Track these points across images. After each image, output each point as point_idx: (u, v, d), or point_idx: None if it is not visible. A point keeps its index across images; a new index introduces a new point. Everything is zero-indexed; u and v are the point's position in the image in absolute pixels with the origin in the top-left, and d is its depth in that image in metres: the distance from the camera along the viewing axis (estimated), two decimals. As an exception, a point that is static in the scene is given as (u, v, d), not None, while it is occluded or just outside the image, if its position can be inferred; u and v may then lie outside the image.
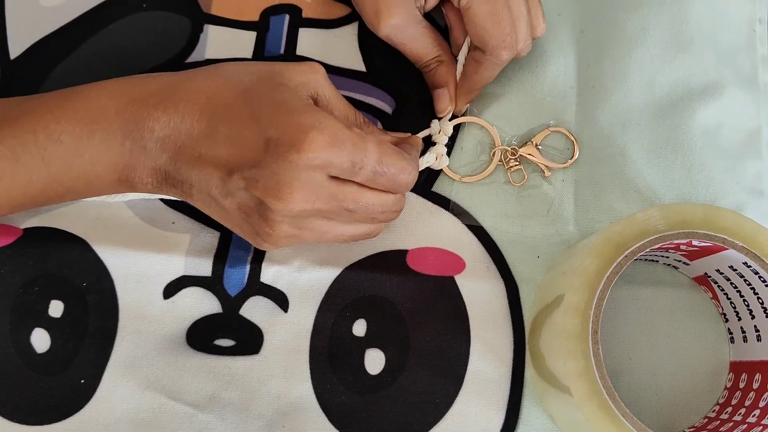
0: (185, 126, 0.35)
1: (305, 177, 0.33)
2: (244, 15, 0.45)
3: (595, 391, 0.32)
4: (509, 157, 0.43)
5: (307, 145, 0.33)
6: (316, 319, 0.40)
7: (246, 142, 0.34)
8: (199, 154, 0.34)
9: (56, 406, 0.39)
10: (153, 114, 0.35)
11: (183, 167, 0.35)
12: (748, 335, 0.38)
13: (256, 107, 0.34)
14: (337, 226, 0.37)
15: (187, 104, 0.35)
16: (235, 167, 0.34)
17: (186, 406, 0.39)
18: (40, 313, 0.39)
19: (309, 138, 0.33)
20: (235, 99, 0.35)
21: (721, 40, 0.44)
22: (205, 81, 0.36)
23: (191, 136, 0.34)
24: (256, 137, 0.33)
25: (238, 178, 0.34)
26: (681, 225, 0.34)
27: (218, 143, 0.34)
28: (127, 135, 0.35)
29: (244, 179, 0.34)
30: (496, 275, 0.41)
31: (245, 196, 0.34)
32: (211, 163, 0.34)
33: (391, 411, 0.39)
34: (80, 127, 0.35)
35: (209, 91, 0.35)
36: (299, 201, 0.33)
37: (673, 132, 0.42)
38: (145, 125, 0.35)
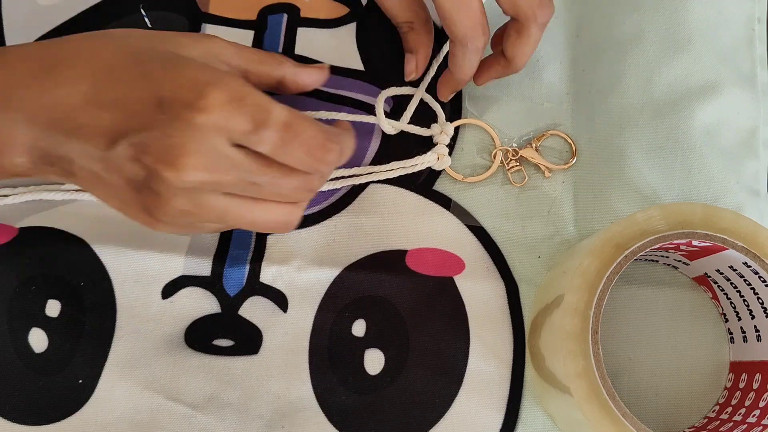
0: (61, 93, 0.30)
1: (203, 140, 0.29)
2: (242, 14, 0.45)
3: (595, 391, 0.32)
4: (510, 158, 0.43)
5: (205, 102, 0.29)
6: (316, 319, 0.40)
7: (134, 104, 0.30)
8: (78, 124, 0.30)
9: (55, 406, 0.39)
10: (24, 81, 0.31)
11: (61, 140, 0.31)
12: (748, 335, 0.38)
13: (146, 67, 0.31)
14: (242, 204, 0.32)
15: (66, 68, 0.31)
16: (121, 133, 0.30)
17: (185, 407, 0.39)
18: (37, 313, 0.39)
19: (206, 94, 0.29)
20: (122, 59, 0.31)
21: (720, 39, 0.44)
22: (85, 42, 0.32)
23: (69, 104, 0.30)
24: (146, 97, 0.30)
25: (125, 145, 0.30)
26: (681, 225, 0.34)
27: (101, 109, 0.30)
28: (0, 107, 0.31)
29: (132, 146, 0.29)
30: (496, 275, 0.41)
31: (134, 167, 0.30)
32: (93, 131, 0.30)
33: (391, 411, 0.39)
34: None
35: (90, 53, 0.31)
36: (195, 168, 0.29)
37: (673, 132, 0.42)
38: (14, 94, 0.31)
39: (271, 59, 0.38)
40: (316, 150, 0.32)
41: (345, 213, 0.42)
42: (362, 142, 0.43)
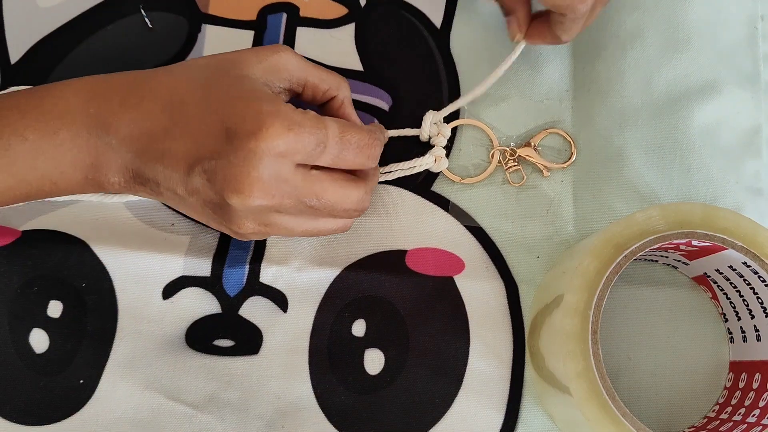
0: (147, 123, 0.34)
1: (266, 167, 0.32)
2: (242, 14, 0.45)
3: (594, 391, 0.32)
4: (508, 158, 0.43)
5: (266, 131, 0.32)
6: (316, 319, 0.40)
7: (204, 135, 0.33)
8: (161, 152, 0.34)
9: (56, 407, 0.39)
10: (117, 111, 0.34)
11: (148, 165, 0.34)
12: (748, 335, 0.38)
13: (213, 99, 0.34)
14: (303, 222, 0.36)
15: (149, 101, 0.34)
16: (196, 161, 0.33)
17: (185, 407, 0.39)
18: (38, 314, 0.39)
19: (267, 124, 0.32)
20: (194, 92, 0.34)
21: (720, 38, 0.44)
22: (167, 76, 0.35)
23: (153, 133, 0.34)
24: (214, 128, 0.33)
25: (198, 171, 0.33)
26: (680, 225, 0.34)
27: (178, 138, 0.33)
28: (92, 132, 0.34)
29: (205, 172, 0.33)
30: (496, 275, 0.41)
31: (208, 191, 0.33)
32: (173, 158, 0.33)
33: (391, 411, 0.39)
34: (44, 123, 0.34)
35: (170, 87, 0.35)
36: (258, 195, 0.32)
37: (672, 131, 0.42)
38: (110, 122, 0.34)
39: (331, 79, 0.39)
40: (365, 149, 0.35)
41: (344, 213, 0.42)
42: None
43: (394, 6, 0.45)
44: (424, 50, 0.44)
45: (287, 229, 0.36)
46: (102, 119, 0.34)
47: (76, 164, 0.35)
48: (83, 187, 0.36)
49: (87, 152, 0.34)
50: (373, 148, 0.36)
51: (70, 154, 0.34)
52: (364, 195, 0.37)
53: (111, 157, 0.35)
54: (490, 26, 0.45)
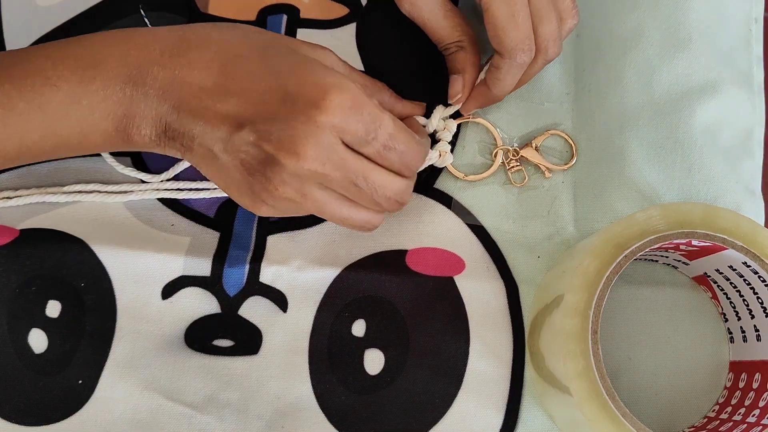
0: (193, 75, 0.34)
1: (321, 136, 0.32)
2: (241, 15, 0.45)
3: (594, 391, 0.32)
4: (510, 158, 0.43)
5: (329, 102, 0.32)
6: (316, 319, 0.40)
7: (261, 96, 0.33)
8: (205, 105, 0.33)
9: (55, 407, 0.39)
10: (159, 60, 0.34)
11: (186, 118, 0.34)
12: (748, 335, 0.38)
13: (274, 63, 0.34)
14: (339, 203, 0.36)
15: (197, 51, 0.34)
16: (247, 120, 0.33)
17: (184, 407, 0.39)
18: (37, 314, 0.39)
19: (330, 97, 0.32)
20: (251, 52, 0.34)
21: (719, 38, 0.44)
22: (217, 31, 0.35)
23: (199, 86, 0.33)
24: (273, 91, 0.33)
25: (248, 131, 0.33)
26: (680, 225, 0.34)
27: (229, 95, 0.33)
28: (128, 81, 0.34)
29: (256, 132, 0.33)
30: (496, 275, 0.41)
31: (253, 151, 0.33)
32: (219, 115, 0.33)
33: (391, 411, 0.39)
34: (79, 72, 0.34)
35: (222, 42, 0.34)
36: (312, 159, 0.32)
37: (673, 131, 0.42)
38: (149, 72, 0.34)
39: (373, 85, 0.41)
40: (408, 156, 0.36)
41: (345, 213, 0.42)
42: None
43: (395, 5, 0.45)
44: (425, 50, 0.44)
45: (320, 205, 0.35)
46: (139, 68, 0.34)
47: (107, 114, 0.34)
48: (112, 141, 0.35)
49: (121, 101, 0.34)
50: (416, 158, 0.36)
51: (103, 104, 0.34)
52: (407, 187, 0.37)
53: (145, 107, 0.34)
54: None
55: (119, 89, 0.34)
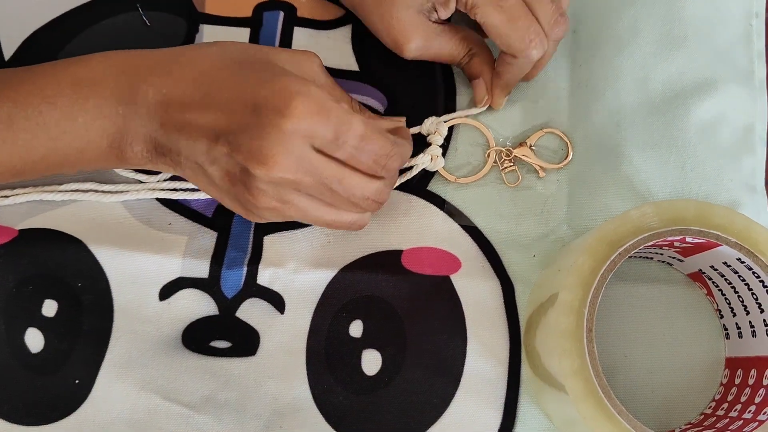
0: (176, 92, 0.35)
1: (289, 144, 0.33)
2: (237, 11, 0.45)
3: (590, 389, 0.33)
4: (504, 158, 0.43)
5: (293, 109, 0.33)
6: (313, 320, 0.40)
7: (233, 107, 0.34)
8: (187, 121, 0.35)
9: (53, 407, 0.39)
10: (148, 79, 0.35)
11: (172, 134, 0.35)
12: (743, 331, 0.38)
13: (245, 74, 0.35)
14: (320, 206, 0.36)
15: (178, 71, 0.35)
16: (221, 132, 0.34)
17: (182, 407, 0.39)
18: (33, 313, 0.40)
19: (294, 103, 0.33)
20: (227, 67, 0.35)
21: (716, 35, 0.44)
22: (198, 51, 0.37)
23: (181, 103, 0.35)
24: (243, 102, 0.34)
25: (223, 142, 0.34)
26: (674, 222, 0.34)
27: (206, 109, 0.34)
28: (121, 100, 0.35)
29: (229, 144, 0.34)
30: (492, 274, 0.41)
31: (229, 162, 0.34)
32: (199, 129, 0.34)
33: (389, 411, 0.39)
34: (76, 91, 0.35)
35: (202, 60, 0.36)
36: (281, 167, 0.33)
37: (668, 129, 0.43)
38: (139, 90, 0.35)
39: (350, 103, 0.41)
40: (383, 158, 0.36)
41: (340, 214, 0.42)
42: None
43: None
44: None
45: (303, 211, 0.36)
46: (131, 87, 0.35)
47: (102, 132, 0.36)
48: (107, 157, 0.37)
49: (113, 120, 0.36)
50: (391, 160, 0.36)
51: (98, 122, 0.36)
52: (383, 187, 0.37)
53: (136, 125, 0.36)
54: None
55: (113, 108, 0.35)
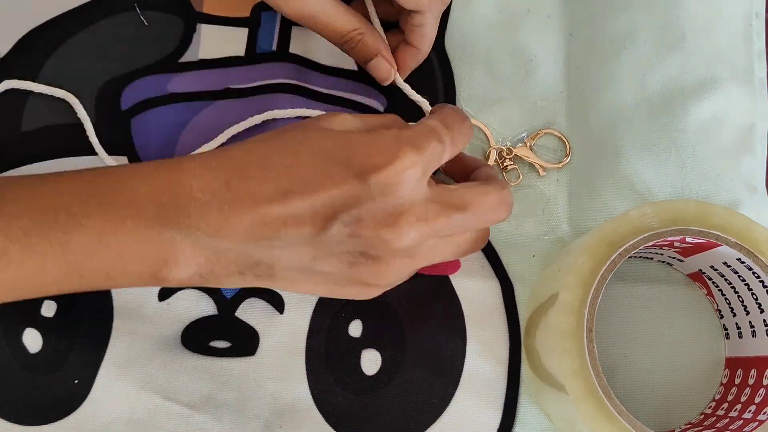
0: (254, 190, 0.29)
1: (412, 192, 0.30)
2: (236, 11, 0.45)
3: (590, 389, 0.33)
4: (504, 157, 0.43)
5: (402, 158, 0.30)
6: (312, 320, 0.40)
7: (333, 184, 0.30)
8: (282, 220, 0.29)
9: (53, 407, 0.39)
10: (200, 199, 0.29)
11: (254, 245, 0.30)
12: (743, 331, 0.38)
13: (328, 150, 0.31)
14: (451, 241, 0.34)
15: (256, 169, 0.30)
16: (330, 214, 0.30)
17: (182, 407, 0.39)
18: (31, 313, 0.39)
19: (399, 152, 0.30)
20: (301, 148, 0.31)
21: (715, 35, 0.44)
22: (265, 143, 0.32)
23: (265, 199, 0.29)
24: (341, 174, 0.30)
25: (339, 225, 0.30)
26: (674, 222, 0.34)
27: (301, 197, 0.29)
28: (167, 223, 0.30)
29: (346, 224, 0.30)
30: (491, 274, 0.41)
31: (351, 243, 0.30)
32: (299, 222, 0.30)
33: (388, 411, 0.39)
34: (109, 211, 0.30)
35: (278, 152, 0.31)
36: (412, 223, 0.30)
37: (667, 129, 0.42)
38: (190, 207, 0.30)
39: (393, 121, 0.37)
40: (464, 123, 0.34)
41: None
42: None
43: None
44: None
45: (433, 254, 0.33)
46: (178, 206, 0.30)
47: (142, 258, 0.30)
48: (145, 283, 0.31)
49: (158, 245, 0.30)
50: (466, 119, 0.35)
51: (136, 247, 0.30)
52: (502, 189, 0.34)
53: (193, 248, 0.30)
54: (486, 25, 0.45)
55: (155, 232, 0.30)
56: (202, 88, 0.43)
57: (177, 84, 0.43)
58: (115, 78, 0.43)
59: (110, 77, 0.43)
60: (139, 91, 0.43)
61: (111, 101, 0.43)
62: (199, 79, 0.43)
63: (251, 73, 0.43)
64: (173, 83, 0.43)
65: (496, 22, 0.45)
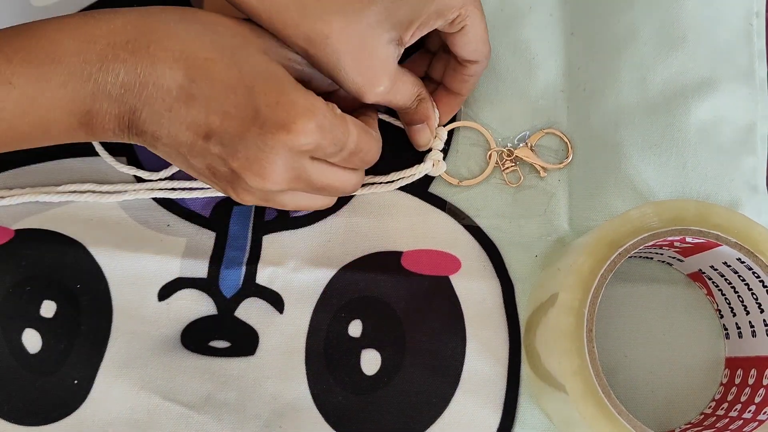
0: (156, 75, 0.32)
1: (288, 158, 0.33)
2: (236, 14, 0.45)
3: (590, 389, 0.32)
4: (505, 159, 0.43)
5: (300, 127, 0.32)
6: (312, 320, 0.40)
7: (232, 110, 0.32)
8: (170, 108, 0.32)
9: (53, 407, 0.39)
10: (119, 55, 0.32)
11: (150, 120, 0.32)
12: (743, 331, 0.38)
13: (246, 73, 0.33)
14: (300, 199, 0.37)
15: (158, 49, 0.32)
16: (213, 132, 0.32)
17: (182, 407, 0.39)
18: (30, 314, 0.39)
19: (302, 121, 0.32)
20: (221, 56, 0.33)
21: (716, 35, 0.44)
22: (184, 27, 0.33)
23: (161, 88, 0.32)
24: (243, 106, 0.32)
25: (215, 144, 0.32)
26: (674, 222, 0.34)
27: (195, 101, 0.32)
28: (89, 78, 0.32)
29: (223, 147, 0.32)
30: (492, 274, 0.41)
31: (218, 162, 0.33)
32: (186, 122, 0.32)
33: (388, 411, 0.39)
34: (35, 68, 0.31)
35: (188, 41, 0.33)
36: (277, 180, 0.33)
37: (668, 129, 0.42)
38: (110, 68, 0.32)
39: None
40: (369, 156, 0.37)
41: (340, 214, 0.42)
42: None
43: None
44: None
45: (281, 204, 0.36)
46: (101, 64, 0.32)
47: (69, 110, 0.32)
48: (75, 132, 0.34)
49: (82, 98, 0.32)
50: (376, 155, 0.38)
51: (63, 101, 0.32)
52: (360, 179, 0.39)
53: (108, 104, 0.32)
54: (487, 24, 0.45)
55: (79, 86, 0.32)
56: None
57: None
58: None
59: None
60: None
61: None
62: None
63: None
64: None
65: (498, 21, 0.45)
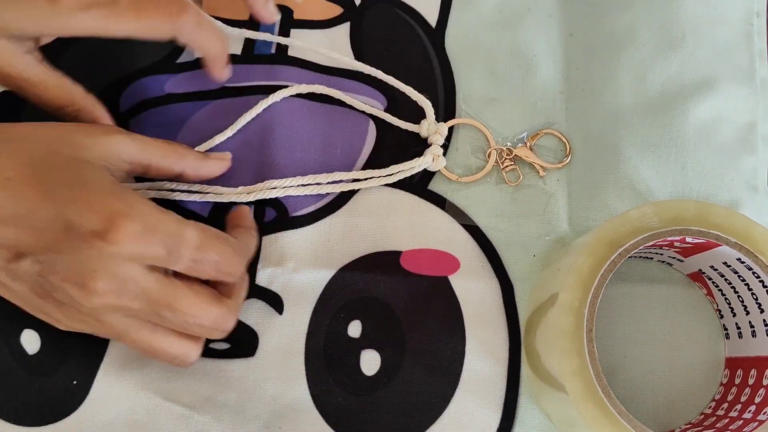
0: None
1: (114, 268, 0.30)
2: (235, 14, 0.45)
3: (590, 389, 0.32)
4: (504, 158, 0.43)
5: (115, 234, 0.29)
6: (311, 320, 0.40)
7: (39, 224, 0.29)
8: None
9: (52, 407, 0.39)
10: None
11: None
12: (743, 331, 0.38)
13: (49, 183, 0.30)
14: (141, 329, 0.33)
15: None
16: (27, 251, 0.30)
17: (181, 407, 0.39)
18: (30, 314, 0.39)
19: (117, 226, 0.29)
20: (20, 171, 0.30)
21: (715, 35, 0.44)
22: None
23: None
24: (51, 219, 0.29)
25: (31, 263, 0.30)
26: (674, 222, 0.34)
27: (6, 223, 0.29)
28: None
29: (39, 263, 0.30)
30: (491, 274, 0.41)
31: (39, 281, 0.31)
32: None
33: (388, 411, 0.39)
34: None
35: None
36: (104, 293, 0.30)
37: (667, 129, 0.42)
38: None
39: (173, 153, 0.37)
40: (225, 266, 0.33)
41: (339, 214, 0.42)
42: (357, 142, 0.43)
43: (389, 5, 0.45)
44: (419, 49, 0.45)
45: (119, 333, 0.33)
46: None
47: None
48: None
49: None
50: (235, 265, 0.34)
51: None
52: (226, 313, 0.34)
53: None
54: (486, 24, 0.45)
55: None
56: (198, 88, 0.43)
57: (174, 85, 0.43)
58: (115, 81, 0.43)
59: (109, 81, 0.43)
60: (138, 92, 0.43)
61: (110, 104, 0.43)
62: (195, 79, 0.43)
63: (248, 72, 0.43)
64: (170, 84, 0.43)
65: (496, 22, 0.45)
